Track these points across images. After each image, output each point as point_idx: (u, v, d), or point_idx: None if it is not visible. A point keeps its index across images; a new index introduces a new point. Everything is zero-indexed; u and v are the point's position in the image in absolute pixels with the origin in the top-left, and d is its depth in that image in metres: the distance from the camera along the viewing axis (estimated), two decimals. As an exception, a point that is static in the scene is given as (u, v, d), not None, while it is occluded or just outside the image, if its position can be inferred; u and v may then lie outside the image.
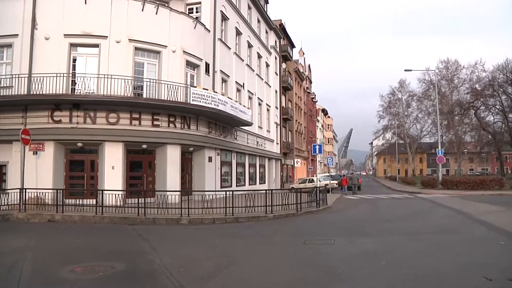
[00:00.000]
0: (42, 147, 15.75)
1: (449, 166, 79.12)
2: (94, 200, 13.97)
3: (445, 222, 11.81)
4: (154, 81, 17.14)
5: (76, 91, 15.87)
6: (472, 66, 47.42)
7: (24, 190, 13.68)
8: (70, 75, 16.04)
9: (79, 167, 16.71)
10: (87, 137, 15.99)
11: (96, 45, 16.35)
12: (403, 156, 69.09)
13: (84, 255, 7.69)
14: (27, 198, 13.71)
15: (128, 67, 16.55)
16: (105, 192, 13.41)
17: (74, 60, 16.42)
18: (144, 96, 16.94)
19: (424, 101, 54.57)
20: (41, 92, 15.22)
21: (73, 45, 16.30)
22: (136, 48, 17.02)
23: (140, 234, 10.21)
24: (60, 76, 15.48)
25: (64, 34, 16.06)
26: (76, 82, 16.04)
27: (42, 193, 13.83)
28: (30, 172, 15.04)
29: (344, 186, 33.25)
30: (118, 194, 13.52)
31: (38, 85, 15.33)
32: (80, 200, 14.66)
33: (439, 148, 32.88)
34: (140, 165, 17.81)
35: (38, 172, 15.41)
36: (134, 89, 16.61)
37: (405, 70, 35.35)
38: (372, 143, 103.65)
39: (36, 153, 15.67)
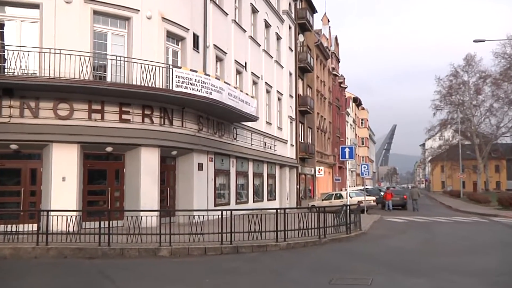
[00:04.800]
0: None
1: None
2: (35, 225, 13.81)
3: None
4: (122, 59, 17.08)
5: (6, 71, 15.48)
6: None
7: None
8: (-4, 47, 15.76)
9: (13, 179, 16.52)
10: (26, 137, 15.78)
11: (36, 5, 16.01)
12: (470, 163, 68.43)
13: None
14: None
15: (84, 39, 16.44)
16: (51, 213, 13.22)
17: (2, 26, 16.09)
18: (109, 79, 16.85)
19: (502, 84, 53.91)
20: None
21: (-3, 4, 15.97)
22: (95, 12, 16.89)
23: (102, 271, 10.11)
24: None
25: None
26: (6, 58, 15.54)
27: None
28: None
29: (387, 201, 33.15)
30: (71, 216, 13.35)
31: None
32: (14, 226, 14.14)
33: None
34: (104, 175, 17.74)
35: None
36: (93, 69, 16.51)
37: (474, 41, 33.61)
38: (424, 144, 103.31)
39: None
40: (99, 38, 17.11)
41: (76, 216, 13.66)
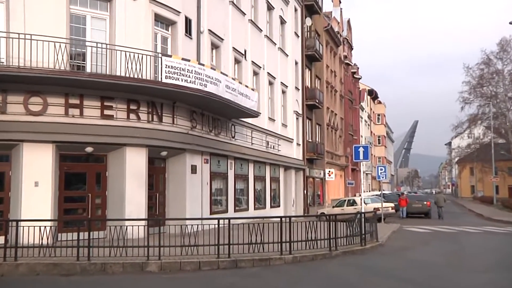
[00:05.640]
0: None
1: None
2: (3, 237, 13.87)
3: None
4: (104, 46, 17.08)
5: (-33, 60, 15.52)
6: None
7: None
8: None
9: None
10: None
11: (2, -16, 16.11)
12: (505, 165, 67.98)
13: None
14: None
15: (59, 23, 16.38)
16: (22, 224, 13.21)
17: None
18: (88, 69, 16.85)
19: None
20: None
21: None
22: (73, -8, 16.94)
23: (80, 289, 10.06)
24: None
25: None
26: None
27: None
28: None
29: (401, 208, 33.45)
30: (45, 227, 13.29)
31: None
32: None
33: None
34: (83, 179, 17.76)
35: None
36: (70, 58, 16.49)
37: (510, 23, 33.93)
38: (450, 143, 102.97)
39: None
40: (77, 22, 17.09)
41: (50, 227, 13.59)
